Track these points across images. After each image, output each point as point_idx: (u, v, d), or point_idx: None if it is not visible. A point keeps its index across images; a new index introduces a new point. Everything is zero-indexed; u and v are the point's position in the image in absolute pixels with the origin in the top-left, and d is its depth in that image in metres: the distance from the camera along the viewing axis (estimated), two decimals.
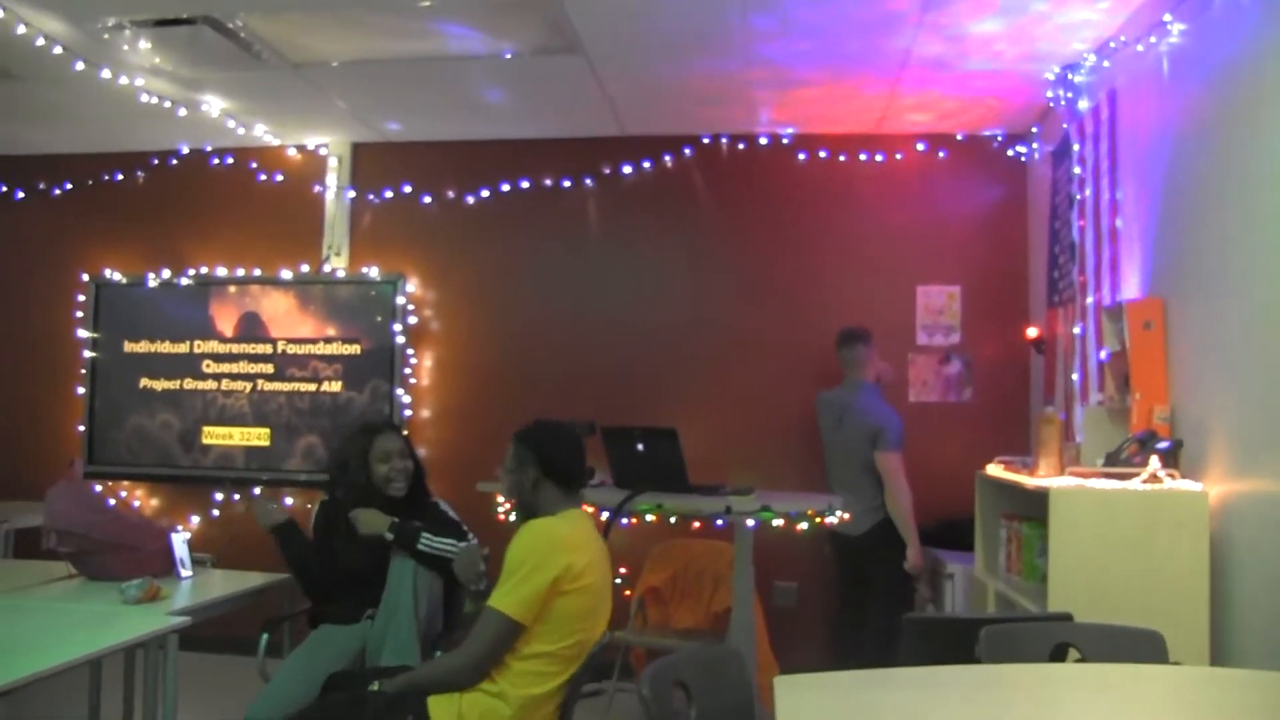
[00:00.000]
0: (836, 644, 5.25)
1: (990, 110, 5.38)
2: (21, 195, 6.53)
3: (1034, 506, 3.72)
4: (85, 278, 6.37)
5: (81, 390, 6.30)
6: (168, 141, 6.25)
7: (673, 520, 4.29)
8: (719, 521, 4.23)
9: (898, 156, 5.76)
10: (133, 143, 6.27)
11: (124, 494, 6.24)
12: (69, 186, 6.48)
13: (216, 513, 6.13)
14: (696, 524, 4.69)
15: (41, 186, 6.49)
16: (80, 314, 6.36)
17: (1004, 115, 5.45)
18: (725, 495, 4.19)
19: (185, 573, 3.81)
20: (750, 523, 4.15)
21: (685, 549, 5.20)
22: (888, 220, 5.75)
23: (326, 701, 3.11)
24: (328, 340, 6.09)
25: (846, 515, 4.55)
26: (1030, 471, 3.77)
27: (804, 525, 4.25)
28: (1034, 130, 5.53)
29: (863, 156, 5.77)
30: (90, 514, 3.64)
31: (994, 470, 4.19)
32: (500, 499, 4.50)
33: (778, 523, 4.12)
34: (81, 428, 6.28)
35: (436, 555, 3.52)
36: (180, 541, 3.80)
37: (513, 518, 4.71)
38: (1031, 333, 5.36)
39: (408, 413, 6.01)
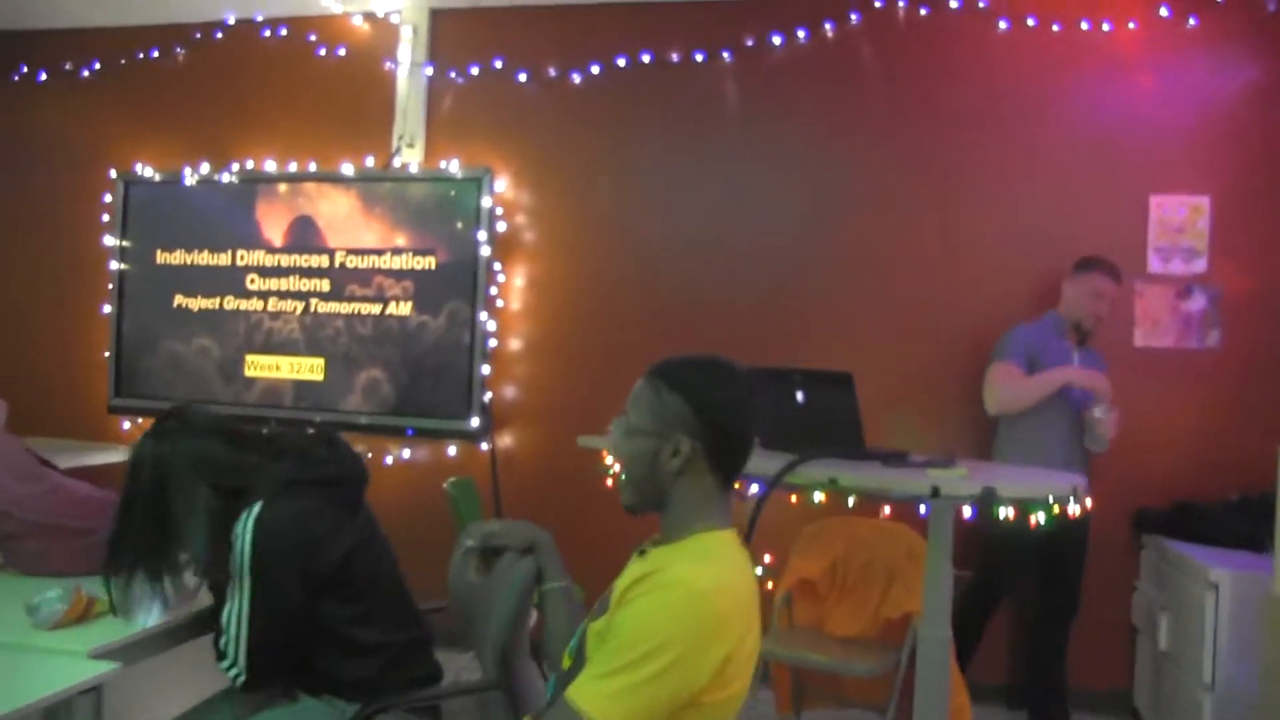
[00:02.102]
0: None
1: None
2: (44, 77, 5.84)
3: None
4: (113, 174, 5.64)
5: (108, 309, 5.59)
6: (212, 11, 5.55)
7: (851, 502, 3.11)
8: (922, 508, 3.04)
9: (1131, 26, 4.63)
10: (171, 13, 5.55)
11: None
12: (97, 66, 5.79)
13: None
14: (887, 509, 3.52)
15: (67, 67, 5.82)
16: (107, 217, 5.65)
17: None
18: (919, 467, 3.03)
19: None
20: (967, 511, 2.95)
21: (847, 531, 4.02)
22: (1115, 109, 4.64)
23: None
24: (396, 251, 5.19)
25: (1089, 501, 3.33)
26: None
27: (1040, 518, 3.04)
28: None
29: (1084, 26, 4.67)
30: (18, 484, 2.53)
31: None
32: (609, 459, 3.44)
33: (1006, 513, 2.93)
34: (107, 354, 5.57)
35: None
36: None
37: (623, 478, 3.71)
38: None
39: (493, 343, 5.13)
